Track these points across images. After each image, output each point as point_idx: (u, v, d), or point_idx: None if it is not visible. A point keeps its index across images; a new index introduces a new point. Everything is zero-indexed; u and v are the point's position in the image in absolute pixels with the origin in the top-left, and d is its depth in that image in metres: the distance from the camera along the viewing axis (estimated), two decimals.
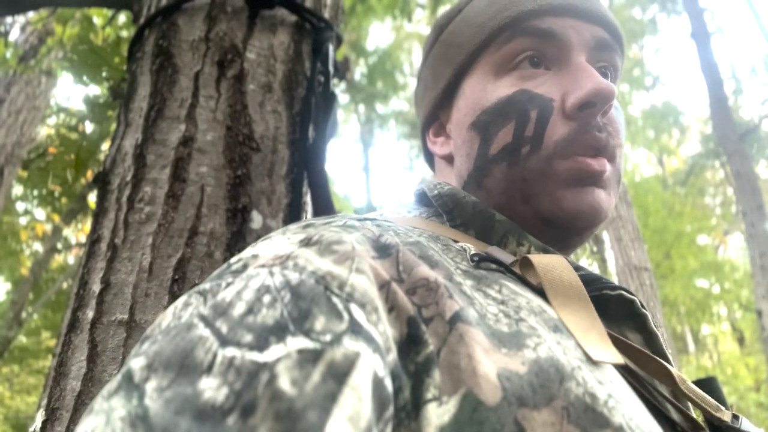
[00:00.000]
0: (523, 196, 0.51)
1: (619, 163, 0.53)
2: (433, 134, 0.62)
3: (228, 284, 0.33)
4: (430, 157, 0.67)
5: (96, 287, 0.87)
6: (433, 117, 0.62)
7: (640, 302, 0.46)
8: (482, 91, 0.54)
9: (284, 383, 0.26)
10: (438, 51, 0.61)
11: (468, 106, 0.55)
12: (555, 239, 0.52)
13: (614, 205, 0.53)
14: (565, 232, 0.51)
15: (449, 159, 0.59)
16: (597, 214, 0.50)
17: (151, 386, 0.26)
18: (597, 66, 0.54)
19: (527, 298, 0.40)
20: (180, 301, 0.34)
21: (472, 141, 0.54)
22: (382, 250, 0.38)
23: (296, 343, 0.28)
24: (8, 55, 2.77)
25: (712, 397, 0.44)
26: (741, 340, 13.87)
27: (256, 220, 0.95)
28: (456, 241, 0.47)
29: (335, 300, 0.31)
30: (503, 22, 0.53)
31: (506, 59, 0.53)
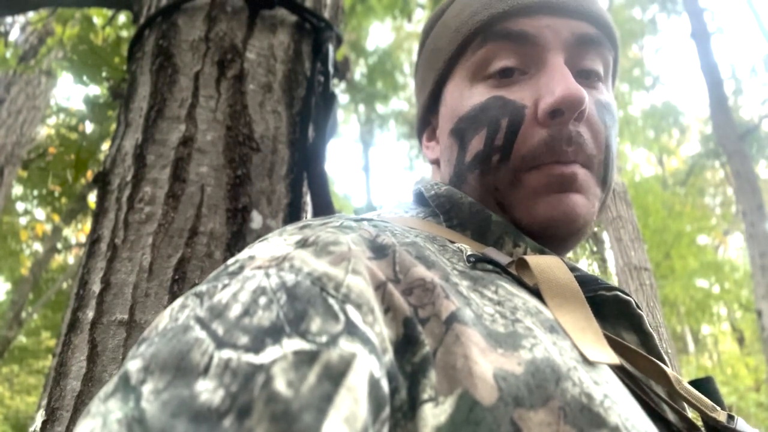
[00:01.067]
0: (498, 203, 0.51)
1: (602, 170, 0.50)
2: (427, 139, 0.63)
3: (224, 286, 0.33)
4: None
5: (96, 287, 0.87)
6: (426, 121, 0.63)
7: (636, 303, 0.46)
8: (459, 98, 0.53)
9: (280, 385, 0.26)
10: (424, 56, 0.62)
11: (448, 113, 0.55)
12: (542, 244, 0.50)
13: (598, 209, 0.51)
14: (547, 240, 0.50)
15: (438, 164, 0.60)
16: (573, 220, 0.48)
17: (147, 388, 0.26)
18: (582, 64, 0.51)
19: (523, 298, 0.40)
20: (177, 303, 0.34)
21: (452, 148, 0.55)
22: (379, 250, 0.38)
23: (292, 344, 0.28)
24: (8, 55, 2.77)
25: (709, 398, 0.44)
26: (741, 340, 13.86)
27: (256, 220, 0.95)
28: (452, 242, 0.47)
29: (331, 301, 0.32)
30: (475, 26, 0.52)
31: (480, 65, 0.52)
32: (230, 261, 0.37)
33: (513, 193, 0.49)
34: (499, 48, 0.50)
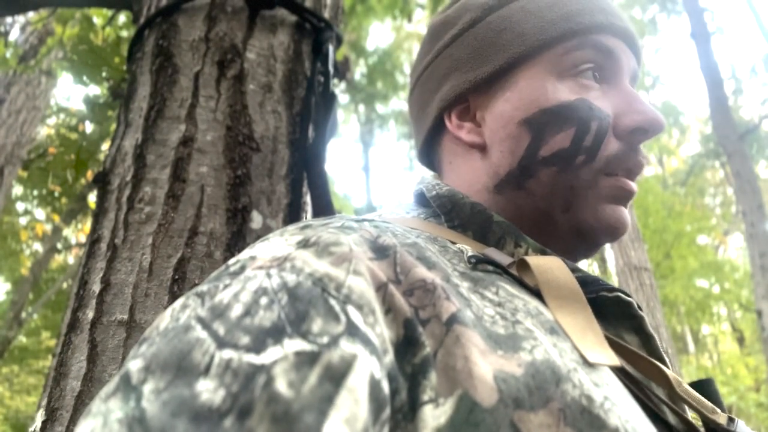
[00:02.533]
0: (566, 203, 0.51)
1: None
2: (458, 117, 0.57)
3: (225, 286, 0.33)
4: (432, 137, 0.61)
5: (96, 287, 0.87)
6: (461, 99, 0.57)
7: (637, 304, 0.46)
8: (542, 89, 0.52)
9: (281, 385, 0.26)
10: (484, 33, 0.56)
11: (522, 101, 0.52)
12: (579, 250, 0.53)
13: None
14: (592, 243, 0.53)
15: (478, 148, 0.56)
16: (624, 230, 0.52)
17: (148, 388, 0.26)
18: None
19: (524, 299, 0.40)
20: (178, 303, 0.34)
21: (520, 138, 0.52)
22: (380, 251, 0.38)
23: (293, 345, 0.28)
24: (8, 55, 2.77)
25: (709, 400, 0.44)
26: (741, 340, 13.86)
27: (256, 220, 0.95)
28: (453, 243, 0.47)
29: (332, 302, 0.32)
30: (576, 27, 0.53)
31: (571, 65, 0.52)
32: (231, 261, 0.37)
33: (587, 194, 0.51)
34: (590, 56, 0.53)
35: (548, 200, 0.51)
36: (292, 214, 1.02)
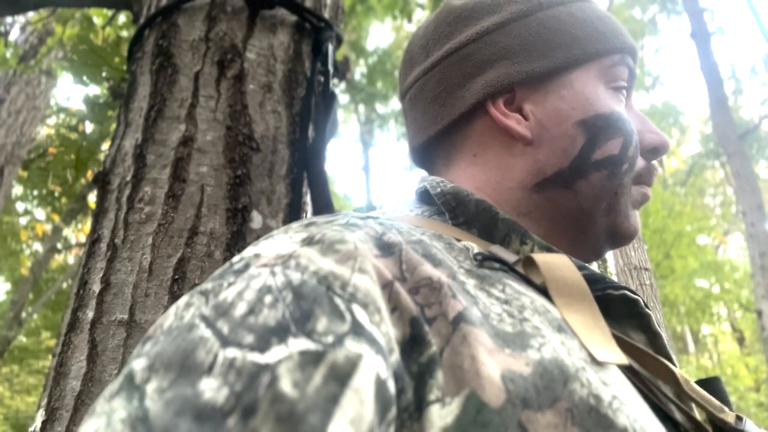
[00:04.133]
0: (609, 207, 0.54)
1: None
2: (506, 106, 0.55)
3: (230, 284, 0.33)
4: (454, 125, 0.57)
5: (96, 287, 0.87)
6: (507, 88, 0.55)
7: (644, 302, 0.46)
8: (596, 94, 0.54)
9: (285, 385, 0.26)
10: (537, 28, 0.55)
11: (578, 101, 0.53)
12: (603, 250, 0.57)
13: None
14: (616, 245, 0.56)
15: (524, 140, 0.53)
16: (637, 235, 0.56)
17: (151, 387, 0.26)
18: None
19: (531, 297, 0.40)
20: (182, 301, 0.33)
21: (575, 138, 0.52)
22: (385, 248, 0.37)
23: (298, 344, 0.28)
24: (8, 55, 2.77)
25: (716, 398, 0.44)
26: (741, 340, 13.87)
27: (256, 220, 0.95)
28: (458, 240, 0.46)
29: (337, 300, 0.31)
30: (621, 45, 0.56)
31: (613, 78, 0.56)
32: (235, 259, 0.37)
33: (623, 200, 0.54)
34: (625, 74, 0.57)
35: (594, 202, 0.53)
36: (292, 214, 1.01)
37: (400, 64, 0.66)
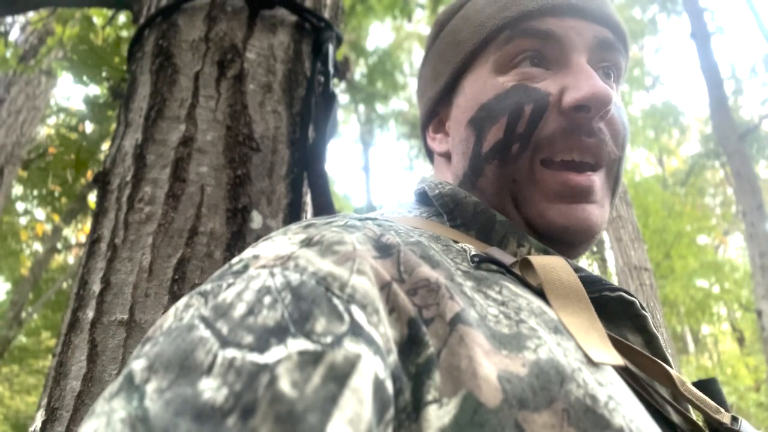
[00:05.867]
0: (514, 199, 0.51)
1: (616, 169, 0.52)
2: (433, 130, 0.62)
3: (229, 285, 0.33)
4: (431, 154, 0.66)
5: (96, 287, 0.87)
6: (433, 113, 0.62)
7: (640, 304, 0.46)
8: (482, 87, 0.53)
9: (284, 385, 0.26)
10: (438, 48, 0.60)
11: (467, 103, 0.54)
12: (552, 248, 0.51)
13: (609, 214, 0.53)
14: (557, 244, 0.51)
15: (447, 156, 0.59)
16: (588, 230, 0.49)
17: (151, 387, 0.26)
18: (599, 66, 0.53)
19: (527, 299, 0.40)
20: (181, 302, 0.33)
21: (468, 139, 0.53)
22: (384, 250, 0.38)
23: (297, 344, 0.28)
24: (8, 55, 2.77)
25: (713, 399, 0.44)
26: (741, 340, 13.86)
27: (256, 220, 0.95)
28: (456, 242, 0.47)
29: (336, 301, 0.31)
30: (503, 21, 0.52)
31: (506, 59, 0.52)
32: (235, 260, 0.37)
33: (529, 189, 0.50)
34: (525, 45, 0.52)
35: (498, 197, 0.52)
36: (292, 214, 1.02)
37: None
